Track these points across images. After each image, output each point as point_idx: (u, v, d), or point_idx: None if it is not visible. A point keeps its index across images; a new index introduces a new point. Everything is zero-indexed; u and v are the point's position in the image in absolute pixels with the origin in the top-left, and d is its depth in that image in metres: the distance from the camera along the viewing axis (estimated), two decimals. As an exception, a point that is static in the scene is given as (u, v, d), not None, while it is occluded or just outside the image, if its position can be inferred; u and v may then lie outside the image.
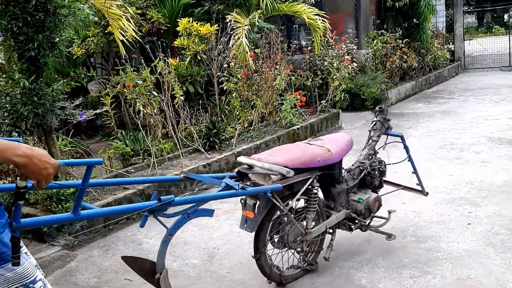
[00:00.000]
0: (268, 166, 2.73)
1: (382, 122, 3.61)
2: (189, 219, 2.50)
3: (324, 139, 3.27)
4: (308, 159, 2.92)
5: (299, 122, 6.82)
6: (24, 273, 1.55)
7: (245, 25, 6.63)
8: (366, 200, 3.28)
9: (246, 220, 2.84)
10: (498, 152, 5.60)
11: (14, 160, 1.39)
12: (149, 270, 2.47)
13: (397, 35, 10.26)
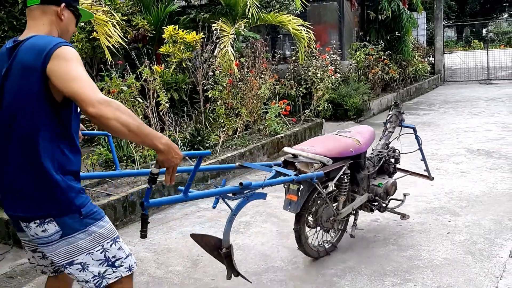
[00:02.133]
0: (312, 156, 3.17)
1: (397, 115, 4.05)
2: (248, 201, 2.88)
3: (351, 131, 3.67)
4: (343, 149, 3.35)
5: (283, 131, 6.88)
6: (111, 229, 1.94)
7: (230, 34, 6.68)
8: (385, 184, 3.71)
9: (290, 202, 3.21)
10: (476, 163, 5.73)
11: (158, 147, 1.75)
12: (214, 245, 2.88)
13: (379, 47, 10.44)
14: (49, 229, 1.82)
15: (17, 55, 1.83)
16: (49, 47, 1.76)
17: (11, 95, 1.84)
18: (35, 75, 1.77)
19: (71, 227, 1.83)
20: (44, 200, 1.81)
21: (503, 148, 6.41)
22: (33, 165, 1.81)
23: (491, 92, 12.47)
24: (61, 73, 1.74)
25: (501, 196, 4.56)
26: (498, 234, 3.71)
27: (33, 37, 1.84)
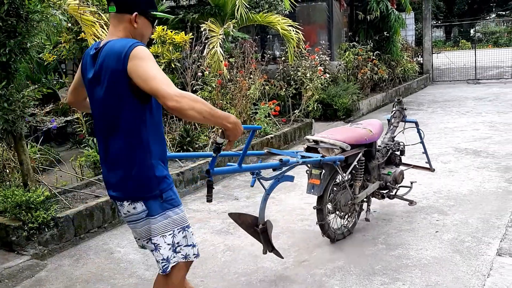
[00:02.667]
0: (333, 142, 3.51)
1: (400, 111, 4.41)
2: (279, 182, 3.21)
3: (363, 123, 4.04)
4: (359, 137, 3.69)
5: (273, 131, 6.88)
6: (184, 218, 2.19)
7: (219, 34, 6.67)
8: (394, 173, 4.07)
9: (313, 186, 3.50)
10: (464, 162, 5.78)
11: (227, 126, 2.03)
12: (251, 223, 3.18)
13: (368, 47, 10.50)
14: (138, 208, 2.12)
15: (100, 60, 2.07)
16: (125, 50, 1.98)
17: (104, 95, 2.08)
18: (120, 76, 1.99)
19: (154, 209, 2.11)
20: (137, 184, 2.10)
21: (491, 147, 6.47)
22: (130, 155, 2.09)
23: (478, 92, 12.58)
24: (140, 72, 1.95)
25: (489, 195, 4.60)
26: (486, 232, 3.74)
27: (109, 42, 2.07)
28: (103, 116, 2.15)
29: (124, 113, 2.06)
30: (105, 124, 2.14)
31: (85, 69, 2.18)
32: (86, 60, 2.18)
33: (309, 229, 4.08)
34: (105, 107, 2.11)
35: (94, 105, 2.19)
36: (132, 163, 2.10)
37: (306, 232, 4.01)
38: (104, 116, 2.14)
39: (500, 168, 5.47)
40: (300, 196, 4.89)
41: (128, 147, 2.09)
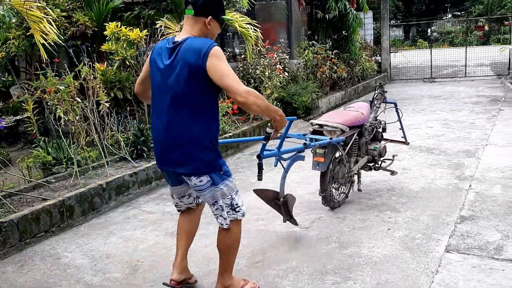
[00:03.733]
0: (336, 125, 4.12)
1: (381, 93, 5.01)
2: (294, 161, 3.67)
3: (354, 106, 4.62)
4: (354, 120, 4.31)
5: (232, 130, 6.82)
6: (235, 185, 2.75)
7: (176, 31, 6.54)
8: (379, 148, 4.72)
9: (318, 163, 4.01)
10: (418, 160, 5.90)
11: (276, 117, 2.61)
12: (273, 197, 3.70)
13: (327, 46, 10.59)
14: (204, 180, 2.60)
15: (179, 53, 2.49)
16: (205, 48, 2.44)
17: (176, 81, 2.50)
18: (196, 69, 2.44)
19: (216, 180, 2.61)
20: (202, 162, 2.56)
21: (443, 144, 6.64)
22: (196, 138, 2.53)
23: (434, 90, 12.94)
24: (216, 70, 2.42)
25: (440, 192, 4.70)
26: (435, 229, 3.81)
27: (189, 39, 2.52)
28: (171, 101, 2.53)
29: (193, 99, 2.51)
30: (171, 108, 2.54)
31: (158, 59, 2.59)
32: (159, 52, 2.61)
33: (264, 229, 4.05)
34: (174, 92, 2.52)
35: (160, 89, 2.58)
36: (197, 143, 2.54)
37: (261, 232, 3.98)
38: (172, 100, 2.53)
39: (451, 165, 5.61)
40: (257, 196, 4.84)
41: (193, 128, 2.53)
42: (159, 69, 2.58)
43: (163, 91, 2.56)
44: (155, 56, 2.64)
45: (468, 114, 8.92)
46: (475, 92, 12.06)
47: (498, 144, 6.47)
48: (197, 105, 2.52)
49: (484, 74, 15.64)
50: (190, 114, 2.52)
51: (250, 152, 6.85)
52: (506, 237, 3.55)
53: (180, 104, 2.52)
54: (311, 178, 5.29)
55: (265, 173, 3.23)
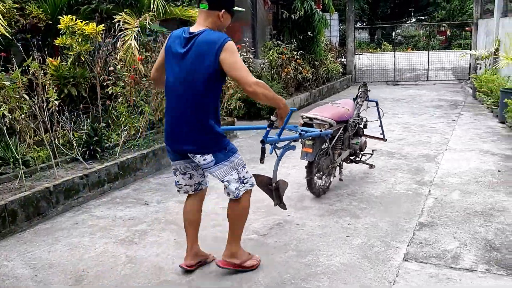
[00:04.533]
0: (325, 119, 4.45)
1: (365, 92, 5.35)
2: (286, 150, 3.85)
3: (341, 103, 4.99)
4: (341, 115, 4.68)
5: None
6: (242, 159, 3.02)
7: (135, 27, 6.28)
8: (360, 142, 5.11)
9: (307, 154, 4.35)
10: (378, 164, 5.87)
11: (280, 105, 2.89)
12: (266, 182, 3.83)
13: (292, 46, 10.51)
14: (207, 159, 2.88)
15: (195, 44, 2.75)
16: (219, 42, 2.70)
17: (190, 68, 2.78)
18: (210, 60, 2.71)
19: (220, 158, 2.90)
20: (208, 142, 2.85)
21: (404, 148, 6.65)
22: (203, 120, 2.81)
23: (396, 93, 13.09)
24: (230, 62, 2.70)
25: (400, 197, 4.67)
26: (394, 236, 3.75)
27: (205, 32, 2.77)
28: (183, 86, 2.81)
29: (202, 86, 2.78)
30: (183, 93, 2.82)
31: (173, 47, 2.85)
32: (175, 40, 2.87)
33: (221, 235, 3.87)
34: (186, 79, 2.80)
35: (175, 76, 2.85)
36: (203, 125, 2.83)
37: (217, 239, 3.80)
38: (184, 85, 2.81)
39: (411, 170, 5.60)
40: (216, 200, 4.68)
41: (201, 112, 2.81)
42: (174, 55, 2.85)
43: (176, 77, 2.84)
44: (171, 43, 2.90)
45: (429, 118, 9.03)
46: (437, 96, 12.27)
47: (457, 149, 6.53)
48: (205, 91, 2.81)
49: (445, 79, 15.98)
50: (198, 99, 2.81)
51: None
52: (463, 245, 3.53)
53: (190, 89, 2.81)
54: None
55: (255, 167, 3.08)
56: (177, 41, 2.86)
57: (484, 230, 3.79)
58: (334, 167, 4.77)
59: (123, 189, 5.12)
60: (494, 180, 5.07)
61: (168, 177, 5.51)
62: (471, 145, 6.71)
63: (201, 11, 2.85)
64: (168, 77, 2.91)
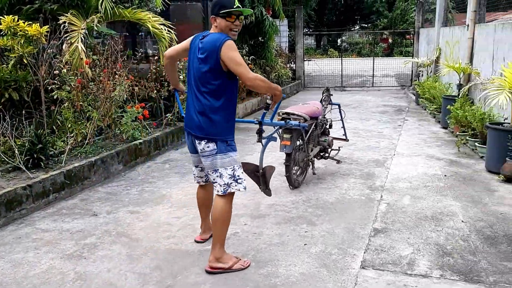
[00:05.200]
0: (300, 114, 5.03)
1: (328, 96, 6.03)
2: (270, 140, 4.31)
3: (311, 103, 5.55)
4: (313, 112, 5.29)
5: (142, 136, 6.42)
6: (239, 159, 3.31)
7: (81, 29, 6.02)
8: (327, 140, 5.71)
9: (285, 146, 4.85)
10: (331, 169, 5.94)
11: (276, 93, 3.28)
12: (253, 170, 4.15)
13: (244, 51, 10.48)
14: (210, 146, 3.18)
15: (205, 43, 3.16)
16: (219, 41, 3.09)
17: (200, 65, 3.17)
18: (214, 56, 3.08)
19: (221, 149, 3.19)
20: (213, 130, 3.17)
21: (355, 153, 6.78)
22: (209, 110, 3.16)
23: (344, 99, 13.37)
24: (229, 58, 3.06)
25: (353, 203, 4.73)
26: (351, 243, 3.78)
27: (210, 34, 3.20)
28: (197, 77, 3.20)
29: (212, 79, 3.15)
30: (197, 83, 3.21)
31: (194, 45, 3.28)
32: (195, 41, 3.31)
33: (175, 248, 3.75)
34: (200, 71, 3.18)
35: (192, 70, 3.26)
36: (212, 115, 3.17)
37: (172, 252, 3.68)
38: (198, 77, 3.20)
39: (363, 175, 5.71)
40: (168, 210, 4.55)
41: (209, 103, 3.17)
42: (194, 53, 3.27)
43: (192, 71, 3.26)
44: (195, 41, 3.32)
45: (376, 124, 9.28)
46: (382, 102, 12.66)
47: (404, 154, 6.74)
48: (213, 86, 3.17)
49: (389, 85, 16.55)
50: (208, 92, 3.18)
51: (163, 159, 6.49)
52: (417, 251, 3.61)
53: (202, 83, 3.19)
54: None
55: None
56: (197, 40, 3.29)
57: (436, 235, 3.91)
58: (308, 161, 5.33)
59: (70, 199, 4.87)
60: (441, 185, 5.26)
61: (118, 186, 5.30)
62: (417, 150, 6.95)
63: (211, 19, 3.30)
64: (188, 70, 3.35)
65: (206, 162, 3.24)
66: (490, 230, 4.00)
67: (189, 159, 6.12)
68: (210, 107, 3.17)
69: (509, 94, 5.27)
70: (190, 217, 4.34)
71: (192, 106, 3.26)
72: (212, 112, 3.17)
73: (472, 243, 3.75)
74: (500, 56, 6.97)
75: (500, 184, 5.25)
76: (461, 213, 4.42)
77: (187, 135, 3.37)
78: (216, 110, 3.17)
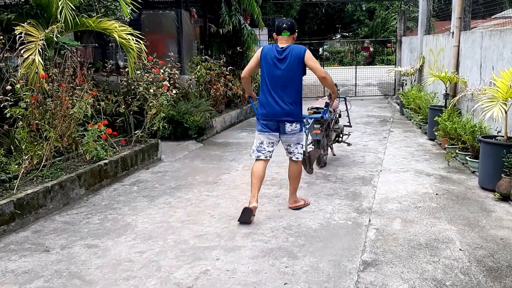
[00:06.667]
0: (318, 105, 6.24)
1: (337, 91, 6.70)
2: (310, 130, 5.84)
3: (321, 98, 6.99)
4: (335, 106, 6.61)
5: (108, 156, 5.88)
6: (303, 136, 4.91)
7: (40, 40, 5.47)
8: (340, 127, 6.92)
9: (317, 134, 5.84)
10: (314, 189, 5.49)
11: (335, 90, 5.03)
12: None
13: (221, 62, 10.04)
14: (298, 126, 4.55)
15: (288, 52, 4.45)
16: (303, 50, 4.46)
17: (289, 67, 4.44)
18: (299, 61, 4.44)
19: (301, 127, 4.61)
20: (297, 115, 4.52)
21: (339, 170, 6.34)
22: (297, 100, 4.52)
23: (327, 109, 13.00)
24: (311, 62, 4.47)
25: (339, 229, 4.27)
26: (337, 280, 3.31)
27: (291, 46, 4.50)
28: (282, 79, 4.45)
29: (296, 78, 4.47)
30: (283, 83, 4.45)
31: (269, 55, 4.47)
32: (269, 51, 4.50)
33: (136, 291, 3.24)
34: (285, 74, 4.43)
35: (275, 73, 4.46)
36: (296, 104, 4.50)
37: (131, 296, 3.16)
38: (283, 79, 4.44)
39: (348, 195, 5.27)
40: (131, 243, 4.02)
41: (295, 95, 4.49)
42: (274, 60, 4.46)
43: (275, 73, 4.45)
44: (269, 52, 4.51)
45: (361, 136, 8.89)
46: (365, 112, 12.32)
47: (391, 170, 6.33)
48: (297, 82, 4.50)
49: (372, 94, 16.28)
50: (294, 87, 4.48)
51: (131, 181, 5.95)
52: (413, 290, 3.16)
53: (287, 81, 4.45)
54: (199, 215, 4.61)
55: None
56: (274, 51, 4.49)
57: (432, 268, 3.46)
58: (329, 145, 6.62)
59: (21, 231, 4.30)
60: (433, 205, 4.85)
61: (77, 213, 4.76)
62: (405, 165, 6.54)
63: (285, 36, 4.55)
64: (268, 77, 4.51)
65: (293, 138, 4.59)
66: (492, 260, 3.58)
67: (159, 181, 5.65)
68: (295, 98, 4.51)
69: (503, 105, 4.90)
70: (155, 252, 3.82)
71: (276, 101, 4.47)
72: (296, 101, 4.52)
73: (474, 277, 3.32)
74: (489, 64, 6.64)
75: (496, 203, 4.86)
76: (458, 239, 3.99)
77: (269, 122, 4.54)
78: (298, 100, 4.55)
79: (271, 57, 4.43)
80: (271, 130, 4.55)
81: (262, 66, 4.49)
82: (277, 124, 4.50)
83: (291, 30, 4.50)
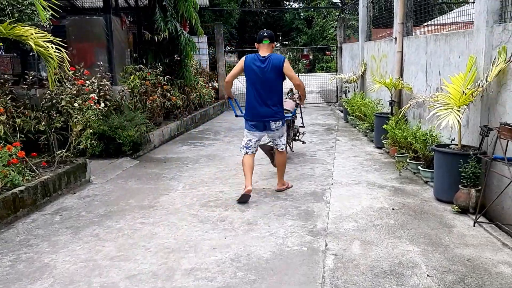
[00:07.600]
0: (289, 108, 6.71)
1: (292, 94, 7.57)
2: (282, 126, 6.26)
3: (287, 101, 6.92)
4: (292, 106, 6.94)
5: (25, 181, 5.08)
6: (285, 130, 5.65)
7: None
8: (297, 127, 7.75)
9: None
10: (264, 208, 4.99)
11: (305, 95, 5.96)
12: (268, 149, 6.19)
13: (157, 71, 9.37)
14: (280, 123, 5.35)
15: (269, 61, 5.20)
16: (282, 59, 5.23)
17: (271, 75, 5.19)
18: (279, 69, 5.18)
19: (283, 123, 5.41)
20: (280, 115, 5.34)
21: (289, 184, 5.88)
22: (278, 102, 5.29)
23: (271, 118, 12.63)
24: (288, 70, 5.24)
25: (294, 257, 3.78)
26: (296, 326, 2.80)
27: (272, 55, 5.27)
28: (266, 85, 5.21)
29: (277, 84, 5.24)
30: (266, 89, 5.21)
31: (253, 64, 5.22)
32: (252, 60, 5.25)
33: None
34: (268, 81, 5.20)
35: (259, 80, 5.21)
36: (279, 105, 5.29)
37: None
38: (266, 84, 5.20)
39: (301, 214, 4.81)
40: None
41: (277, 98, 5.27)
42: (256, 68, 5.22)
43: (258, 80, 5.23)
44: (253, 61, 5.27)
45: (308, 145, 8.51)
46: (310, 120, 12.04)
47: (343, 183, 5.96)
48: (278, 87, 5.29)
49: (315, 102, 16.13)
50: (276, 91, 5.28)
51: (53, 209, 5.17)
52: (385, 334, 2.71)
53: (270, 86, 5.23)
54: (131, 249, 3.95)
55: None
56: (256, 60, 5.24)
57: (402, 302, 3.05)
58: (288, 142, 7.32)
59: None
60: (391, 222, 4.49)
61: None
62: (356, 177, 6.20)
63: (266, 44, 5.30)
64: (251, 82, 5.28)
65: (277, 133, 5.38)
66: (464, 286, 3.22)
67: (87, 207, 4.96)
68: (277, 101, 5.26)
69: (458, 113, 4.64)
70: (75, 302, 3.14)
71: (261, 103, 5.22)
72: (279, 103, 5.29)
73: (448, 310, 2.92)
74: (435, 70, 6.47)
75: (455, 217, 4.58)
76: (423, 262, 3.62)
77: (257, 123, 5.32)
78: (280, 102, 5.31)
79: (254, 65, 5.18)
80: (259, 129, 5.35)
81: (247, 74, 5.22)
82: (264, 124, 5.28)
83: (271, 38, 5.26)
